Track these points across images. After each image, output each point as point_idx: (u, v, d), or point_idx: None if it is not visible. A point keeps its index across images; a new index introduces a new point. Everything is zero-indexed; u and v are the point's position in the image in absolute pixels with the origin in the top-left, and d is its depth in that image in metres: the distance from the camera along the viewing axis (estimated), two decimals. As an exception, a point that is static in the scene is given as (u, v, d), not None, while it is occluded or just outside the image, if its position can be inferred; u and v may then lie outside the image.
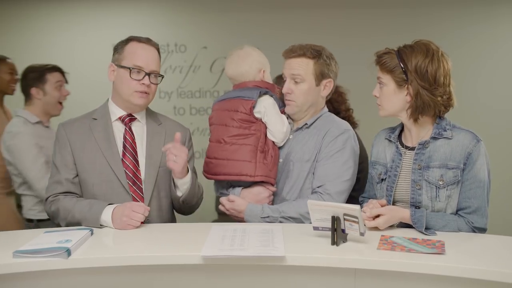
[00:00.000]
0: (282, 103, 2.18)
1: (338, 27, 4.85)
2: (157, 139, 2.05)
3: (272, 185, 2.11)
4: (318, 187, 2.02)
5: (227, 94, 2.22)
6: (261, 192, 2.09)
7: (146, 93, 1.98)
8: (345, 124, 2.13)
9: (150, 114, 2.12)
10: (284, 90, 2.08)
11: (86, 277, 1.56)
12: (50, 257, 1.50)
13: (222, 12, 4.99)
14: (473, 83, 4.78)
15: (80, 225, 1.86)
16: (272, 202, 2.11)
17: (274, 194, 2.12)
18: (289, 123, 2.16)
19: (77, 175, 1.98)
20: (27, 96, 2.91)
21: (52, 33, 5.14)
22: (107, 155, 1.96)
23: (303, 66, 2.05)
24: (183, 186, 1.99)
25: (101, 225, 1.83)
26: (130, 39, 2.01)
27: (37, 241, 1.61)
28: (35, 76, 2.91)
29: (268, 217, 1.99)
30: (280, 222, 1.97)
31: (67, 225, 1.92)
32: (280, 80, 3.74)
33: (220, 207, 2.14)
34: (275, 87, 2.21)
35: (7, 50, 5.16)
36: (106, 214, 1.83)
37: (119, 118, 2.02)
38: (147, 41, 2.02)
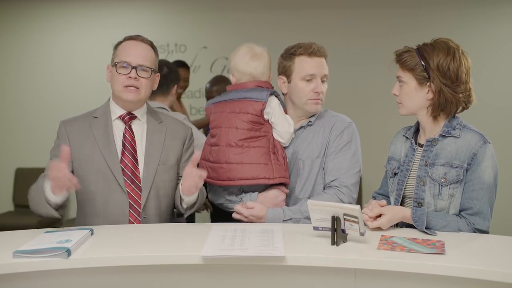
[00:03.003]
0: (283, 103, 2.16)
1: (338, 27, 4.85)
2: (157, 137, 2.05)
3: (286, 186, 2.09)
4: (331, 181, 2.05)
5: (225, 95, 2.15)
6: (278, 196, 2.06)
7: (135, 87, 1.96)
8: (347, 117, 2.18)
9: (151, 112, 2.11)
10: (319, 89, 2.07)
11: (86, 277, 1.56)
12: (50, 257, 1.50)
13: (222, 12, 5.00)
14: (473, 83, 4.78)
15: (41, 205, 1.84)
16: (287, 202, 2.10)
17: (286, 194, 2.10)
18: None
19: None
20: None
21: (52, 33, 5.15)
22: (105, 153, 1.96)
23: (326, 66, 2.11)
24: (189, 202, 1.98)
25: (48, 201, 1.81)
26: (124, 39, 2.03)
27: (37, 241, 1.61)
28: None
29: (290, 219, 1.98)
30: (303, 222, 1.96)
31: (33, 208, 1.89)
32: (221, 80, 3.57)
33: (235, 215, 2.06)
34: (272, 87, 2.18)
35: (7, 50, 5.19)
36: (47, 188, 1.80)
37: (119, 116, 2.03)
38: (137, 37, 2.03)
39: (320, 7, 4.90)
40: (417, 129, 1.96)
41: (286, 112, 2.15)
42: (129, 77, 1.95)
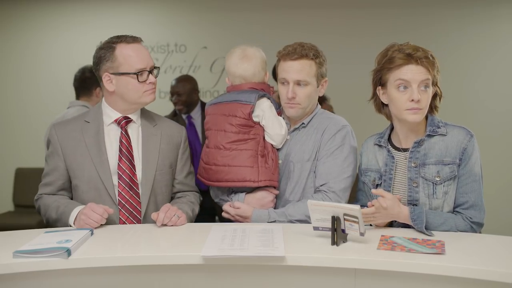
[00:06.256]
0: (278, 105, 2.14)
1: (338, 27, 4.85)
2: (152, 142, 2.02)
3: (275, 188, 2.09)
4: (321, 185, 2.00)
5: (222, 97, 2.16)
6: (265, 197, 2.06)
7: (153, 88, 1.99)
8: (342, 120, 2.10)
9: (145, 114, 2.08)
10: (289, 95, 2.01)
11: (86, 277, 1.56)
12: (50, 257, 1.50)
13: (222, 12, 5.00)
14: (473, 83, 4.79)
15: (57, 224, 1.89)
16: (275, 205, 2.10)
17: (277, 196, 2.10)
18: (286, 123, 2.13)
19: (67, 180, 1.99)
20: None
21: (52, 33, 5.16)
22: (96, 163, 1.94)
23: (306, 69, 2.01)
24: None
25: (70, 225, 1.85)
26: (114, 43, 1.94)
27: (37, 241, 1.61)
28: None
29: (274, 221, 1.98)
30: None
31: (47, 222, 1.95)
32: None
33: (224, 214, 2.10)
34: (270, 88, 2.17)
35: (8, 50, 5.20)
36: (73, 216, 1.85)
37: (115, 120, 2.00)
38: (134, 40, 1.96)
39: (320, 7, 4.90)
40: (388, 135, 1.94)
41: (280, 114, 2.13)
42: (150, 82, 1.95)
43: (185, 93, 3.78)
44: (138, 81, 1.93)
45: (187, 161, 2.15)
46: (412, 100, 1.76)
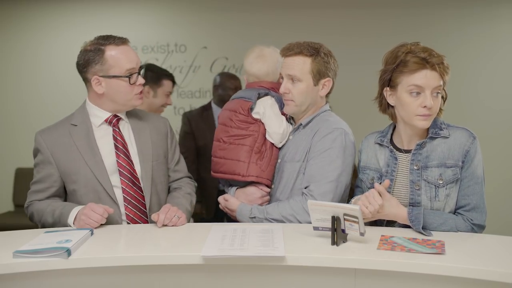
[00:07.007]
0: (283, 104, 2.15)
1: (338, 27, 4.85)
2: (144, 134, 2.05)
3: (268, 186, 2.11)
4: (304, 188, 1.99)
5: (236, 93, 2.25)
6: (253, 193, 2.09)
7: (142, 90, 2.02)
8: (338, 122, 2.04)
9: (129, 111, 2.08)
10: (281, 90, 2.04)
11: (86, 277, 1.56)
12: (50, 257, 1.50)
13: (222, 12, 5.00)
14: (473, 83, 4.79)
15: (55, 227, 1.88)
16: (269, 202, 2.11)
17: (270, 194, 2.12)
18: (291, 123, 2.15)
19: (61, 187, 1.98)
20: None
21: (52, 33, 5.15)
22: (90, 165, 1.92)
23: (300, 65, 2.00)
24: None
25: (69, 226, 1.85)
26: (102, 45, 1.92)
27: (37, 241, 1.61)
28: (152, 76, 3.05)
29: (255, 217, 2.00)
30: (266, 222, 1.97)
31: (43, 227, 1.92)
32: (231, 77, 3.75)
33: (220, 205, 2.18)
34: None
35: (8, 50, 5.20)
36: (72, 216, 1.84)
37: (106, 120, 1.99)
38: (122, 41, 1.95)
39: (320, 7, 4.90)
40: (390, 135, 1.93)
41: (284, 114, 2.14)
42: (139, 84, 1.97)
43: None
44: (130, 83, 1.94)
45: (176, 148, 2.20)
46: (425, 106, 1.75)
